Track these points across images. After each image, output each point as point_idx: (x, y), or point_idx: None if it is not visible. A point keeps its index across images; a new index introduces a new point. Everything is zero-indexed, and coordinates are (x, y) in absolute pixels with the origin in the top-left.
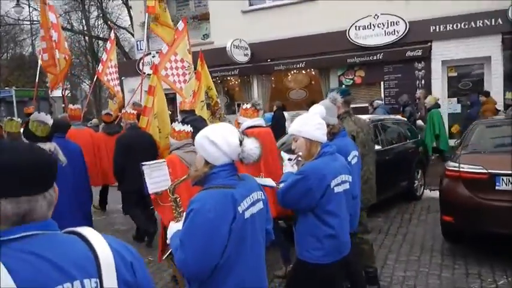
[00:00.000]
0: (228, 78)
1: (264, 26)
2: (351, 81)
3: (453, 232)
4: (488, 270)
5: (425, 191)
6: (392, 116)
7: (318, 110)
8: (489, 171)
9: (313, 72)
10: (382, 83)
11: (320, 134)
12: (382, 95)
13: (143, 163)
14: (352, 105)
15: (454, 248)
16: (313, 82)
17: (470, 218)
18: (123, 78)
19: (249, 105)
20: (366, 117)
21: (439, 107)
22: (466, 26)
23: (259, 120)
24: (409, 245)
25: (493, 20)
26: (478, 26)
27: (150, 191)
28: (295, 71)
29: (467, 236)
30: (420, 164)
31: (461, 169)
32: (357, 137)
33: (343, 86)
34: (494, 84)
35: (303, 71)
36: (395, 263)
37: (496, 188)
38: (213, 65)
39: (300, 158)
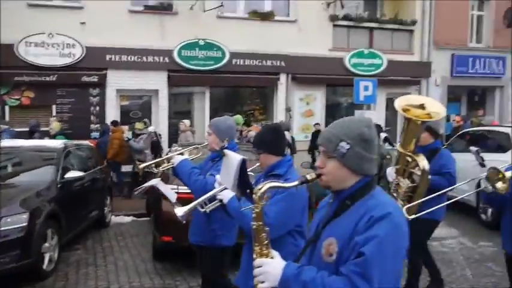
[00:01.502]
0: None
1: None
2: (17, 102)
3: (170, 251)
4: None
5: (112, 217)
6: (81, 142)
7: None
8: None
9: None
10: (54, 106)
11: None
12: None
13: None
14: (24, 129)
15: (165, 267)
16: None
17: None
18: None
19: None
20: (61, 142)
21: (63, 135)
22: (139, 60)
23: None
24: (124, 272)
25: (161, 57)
26: (149, 60)
27: None
28: None
29: (179, 253)
30: (108, 191)
31: (179, 190)
32: None
33: (7, 106)
34: (160, 115)
35: None
36: None
37: None
38: None
39: None
